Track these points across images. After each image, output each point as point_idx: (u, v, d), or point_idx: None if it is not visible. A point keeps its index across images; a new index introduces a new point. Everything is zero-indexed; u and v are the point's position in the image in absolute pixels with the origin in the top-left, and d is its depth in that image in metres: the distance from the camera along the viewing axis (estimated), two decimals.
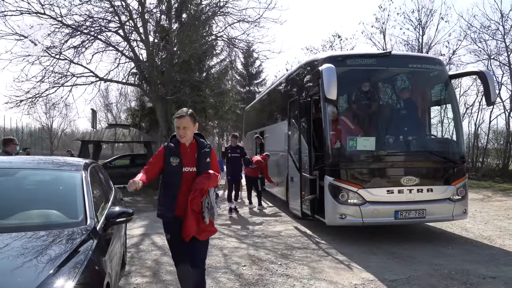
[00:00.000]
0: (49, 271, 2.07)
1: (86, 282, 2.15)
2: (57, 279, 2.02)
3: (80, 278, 2.09)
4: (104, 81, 14.13)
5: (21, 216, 2.82)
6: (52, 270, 2.09)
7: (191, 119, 3.22)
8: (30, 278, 1.99)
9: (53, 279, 2.01)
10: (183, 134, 3.19)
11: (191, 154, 3.25)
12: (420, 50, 19.17)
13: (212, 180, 3.20)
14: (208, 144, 3.39)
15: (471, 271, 4.83)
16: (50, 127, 56.95)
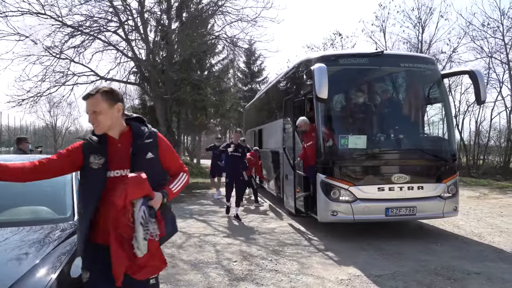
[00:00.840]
0: (33, 262, 2.18)
1: (69, 273, 2.27)
2: (40, 270, 2.13)
3: (62, 270, 2.21)
4: (105, 80, 14.29)
5: (11, 212, 2.96)
6: (37, 261, 2.20)
7: (104, 98, 2.16)
8: (14, 269, 2.11)
9: (36, 270, 2.12)
10: (95, 122, 2.17)
11: (122, 150, 2.21)
12: (420, 48, 19.18)
13: (131, 186, 2.03)
14: (152, 131, 2.32)
15: (457, 267, 4.92)
16: (54, 126, 57.38)
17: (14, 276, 2.01)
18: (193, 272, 4.78)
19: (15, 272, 2.07)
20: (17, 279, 2.00)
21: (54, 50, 12.44)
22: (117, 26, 12.98)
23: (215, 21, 16.07)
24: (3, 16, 11.73)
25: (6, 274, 2.07)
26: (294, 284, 4.40)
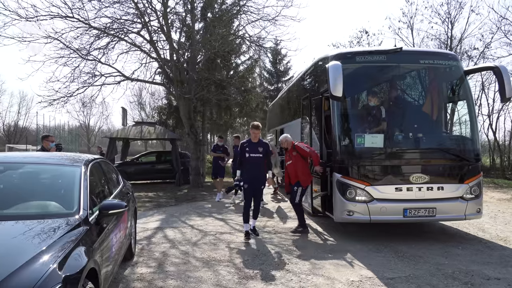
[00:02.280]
0: (38, 250, 2.35)
1: (69, 263, 2.35)
2: (42, 258, 2.29)
3: (62, 260, 2.32)
4: (131, 81, 14.64)
5: (21, 206, 3.09)
6: (41, 250, 2.36)
7: None
8: (21, 255, 2.26)
9: (39, 258, 2.28)
10: None
11: None
12: (450, 44, 18.53)
13: None
14: None
15: (476, 272, 4.72)
16: (88, 125, 59.49)
17: (19, 262, 2.18)
18: (204, 269, 4.82)
19: (26, 255, 2.26)
20: (21, 265, 2.18)
21: (82, 52, 12.87)
22: (141, 27, 13.26)
23: (239, 22, 16.15)
24: (35, 20, 12.24)
25: (12, 260, 2.21)
26: (303, 284, 4.35)
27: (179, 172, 15.37)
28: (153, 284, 4.28)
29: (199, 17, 17.21)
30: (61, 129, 51.80)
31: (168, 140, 17.79)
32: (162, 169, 16.53)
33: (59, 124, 52.68)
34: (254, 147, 6.37)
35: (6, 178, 3.43)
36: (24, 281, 2.08)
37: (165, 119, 19.68)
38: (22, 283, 2.07)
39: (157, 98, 40.27)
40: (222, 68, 19.86)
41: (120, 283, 4.28)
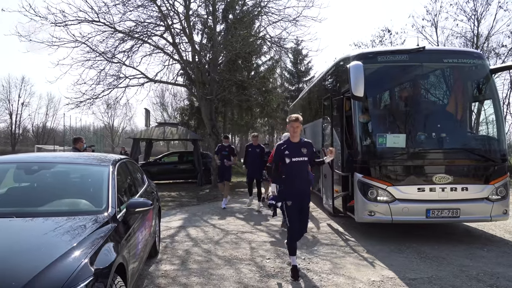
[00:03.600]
0: (71, 245, 2.50)
1: (99, 258, 2.48)
2: (75, 253, 2.42)
3: (93, 255, 2.45)
4: (154, 82, 14.94)
5: (54, 204, 3.25)
6: (73, 245, 2.50)
7: None
8: (55, 250, 2.41)
9: (71, 253, 2.42)
10: None
11: None
12: (476, 42, 18.07)
13: None
14: None
15: (502, 274, 4.64)
16: (112, 126, 60.88)
17: (53, 256, 2.32)
18: (226, 267, 4.92)
19: (60, 250, 2.41)
20: (55, 259, 2.31)
21: (107, 55, 13.23)
22: (164, 30, 13.53)
23: (260, 23, 16.25)
24: (63, 25, 12.67)
25: (48, 254, 2.35)
26: (324, 283, 4.39)
27: (201, 172, 15.58)
28: (177, 280, 4.40)
29: (220, 19, 17.42)
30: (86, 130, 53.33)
31: (190, 140, 18.05)
32: (184, 169, 16.79)
33: (84, 125, 54.20)
34: (295, 148, 4.67)
35: (40, 177, 3.61)
36: (59, 274, 2.21)
37: (187, 120, 19.99)
38: (57, 276, 2.19)
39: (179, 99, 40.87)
40: (243, 69, 20.02)
41: (146, 279, 4.42)
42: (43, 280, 2.14)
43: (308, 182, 4.80)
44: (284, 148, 4.68)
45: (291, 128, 4.65)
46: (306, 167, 4.74)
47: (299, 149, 4.67)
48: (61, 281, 2.15)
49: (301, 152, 4.65)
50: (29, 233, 2.70)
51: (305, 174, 4.72)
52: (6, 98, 54.89)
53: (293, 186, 4.64)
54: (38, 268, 2.19)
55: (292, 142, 4.72)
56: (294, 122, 4.64)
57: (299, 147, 4.68)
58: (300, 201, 4.66)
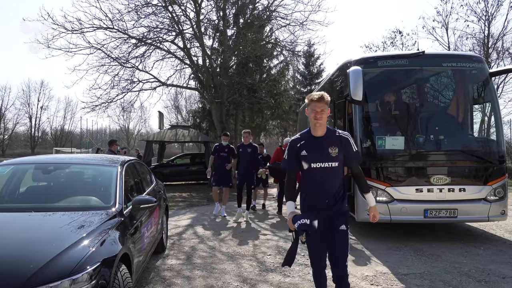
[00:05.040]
0: (81, 235, 2.84)
1: (105, 247, 2.81)
2: (84, 242, 2.76)
3: (100, 244, 2.79)
4: (166, 86, 15.40)
5: (68, 200, 3.61)
6: (83, 236, 2.84)
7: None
8: (66, 239, 2.75)
9: (82, 241, 2.77)
10: None
11: None
12: (487, 43, 17.99)
13: None
14: None
15: (493, 271, 4.81)
16: (127, 128, 61.99)
17: (65, 245, 2.66)
18: (228, 262, 5.21)
19: (70, 239, 2.75)
20: (67, 247, 2.65)
21: (121, 60, 13.74)
22: (175, 35, 13.96)
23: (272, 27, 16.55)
24: (79, 32, 13.23)
25: (60, 243, 2.70)
26: None
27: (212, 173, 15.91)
28: (181, 273, 4.72)
29: (231, 23, 17.80)
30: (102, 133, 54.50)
31: (201, 142, 18.43)
32: (195, 171, 17.17)
33: (100, 128, 55.40)
34: (318, 147, 2.99)
35: (55, 176, 3.98)
36: (70, 260, 2.53)
37: (199, 122, 20.41)
38: (68, 261, 2.52)
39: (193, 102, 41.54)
40: (255, 71, 20.34)
41: (152, 272, 4.75)
42: (56, 264, 2.46)
43: (340, 198, 3.04)
44: (301, 146, 3.00)
45: (312, 114, 2.90)
46: (338, 176, 3.01)
47: (325, 148, 2.95)
48: (72, 265, 2.48)
49: (327, 153, 2.94)
50: (45, 226, 3.04)
51: (335, 186, 3.00)
52: (26, 102, 56.68)
53: (314, 207, 3.02)
54: (52, 254, 2.52)
55: (313, 137, 2.99)
56: (317, 102, 2.89)
57: (325, 144, 2.96)
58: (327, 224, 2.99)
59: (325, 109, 2.92)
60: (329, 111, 2.97)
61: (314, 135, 3.00)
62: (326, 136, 2.99)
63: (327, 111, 2.93)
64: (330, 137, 3.00)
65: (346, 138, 3.03)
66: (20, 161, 4.37)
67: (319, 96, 2.92)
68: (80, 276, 2.46)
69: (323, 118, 2.93)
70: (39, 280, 2.33)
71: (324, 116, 2.93)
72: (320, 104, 2.91)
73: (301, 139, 3.04)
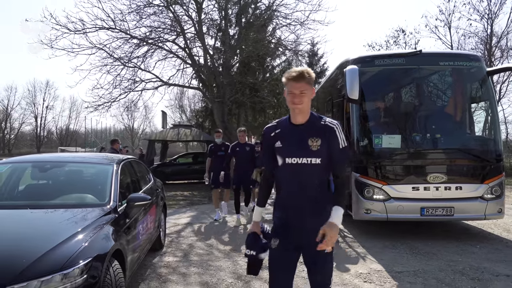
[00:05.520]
0: (74, 231, 2.92)
1: (98, 243, 2.90)
2: (77, 237, 2.85)
3: (93, 239, 2.87)
4: (168, 85, 15.49)
5: (64, 198, 3.69)
6: (76, 231, 2.92)
7: None
8: (60, 235, 2.83)
9: (75, 237, 2.85)
10: None
11: None
12: (490, 41, 17.92)
13: None
14: None
15: (488, 269, 4.83)
16: (132, 127, 62.29)
17: (59, 240, 2.75)
18: (224, 259, 5.27)
19: (64, 235, 2.83)
20: (59, 242, 2.73)
21: (124, 60, 13.84)
22: (176, 35, 14.05)
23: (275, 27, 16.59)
24: (82, 32, 13.35)
25: (54, 238, 2.78)
26: None
27: None
28: (177, 270, 4.79)
29: (234, 23, 17.85)
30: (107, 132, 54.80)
31: (203, 141, 18.52)
32: (197, 170, 17.22)
33: (105, 127, 55.72)
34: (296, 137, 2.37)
35: (52, 174, 4.06)
36: (62, 254, 2.61)
37: (202, 121, 20.48)
38: (61, 255, 2.59)
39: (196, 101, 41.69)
40: (258, 71, 20.37)
41: (148, 269, 4.83)
42: (49, 259, 2.54)
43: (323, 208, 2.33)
44: (276, 135, 2.41)
45: (290, 96, 2.28)
46: (320, 177, 2.36)
47: (305, 139, 2.32)
48: (63, 260, 2.55)
49: (307, 146, 2.31)
50: (40, 222, 3.13)
51: (316, 190, 2.36)
52: (31, 101, 57.14)
53: (286, 216, 2.42)
54: (44, 249, 2.60)
55: (292, 125, 2.38)
56: (295, 82, 2.24)
57: (305, 134, 2.33)
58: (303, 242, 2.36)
59: (307, 91, 2.25)
60: (313, 92, 2.31)
61: (293, 122, 2.37)
62: (307, 124, 2.35)
63: (310, 93, 2.28)
64: (313, 125, 2.34)
65: (331, 128, 2.33)
66: (18, 159, 4.46)
67: (298, 74, 2.24)
68: (72, 271, 2.53)
69: (304, 102, 2.27)
70: (31, 274, 2.40)
71: (306, 99, 2.28)
72: (299, 84, 2.24)
73: (277, 127, 2.44)
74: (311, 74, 2.29)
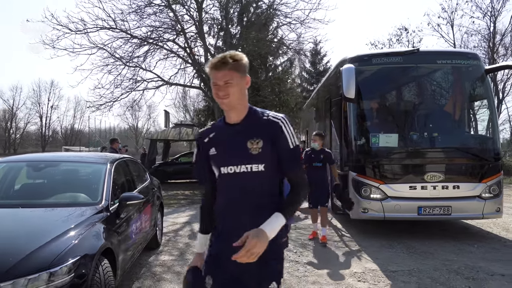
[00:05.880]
0: (64, 229, 2.94)
1: (87, 241, 2.94)
2: (67, 235, 2.88)
3: (82, 237, 2.90)
4: (170, 85, 15.52)
5: (58, 196, 3.72)
6: (65, 230, 2.95)
7: None
8: (51, 232, 2.86)
9: (64, 235, 2.88)
10: None
11: None
12: (493, 39, 17.79)
13: None
14: None
15: (483, 268, 4.81)
16: (136, 127, 62.49)
17: (49, 237, 2.79)
18: None
19: (53, 233, 2.86)
20: (49, 240, 2.77)
21: (125, 59, 13.88)
22: (176, 34, 14.08)
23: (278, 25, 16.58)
24: (84, 32, 13.41)
25: (43, 236, 2.81)
26: (308, 273, 4.69)
27: None
28: (172, 269, 4.81)
29: (235, 22, 17.86)
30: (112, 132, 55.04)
31: None
32: None
33: (109, 126, 55.98)
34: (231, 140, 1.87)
35: (45, 174, 4.10)
36: (51, 252, 2.63)
37: (204, 120, 20.50)
38: (49, 253, 2.62)
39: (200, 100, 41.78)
40: (261, 70, 20.36)
41: (144, 268, 4.85)
42: (37, 257, 2.57)
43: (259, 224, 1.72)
44: (210, 141, 1.94)
45: (214, 89, 1.81)
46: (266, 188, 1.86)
47: (242, 141, 1.84)
48: (51, 258, 2.58)
49: (245, 150, 1.83)
50: (31, 220, 3.16)
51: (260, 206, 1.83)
52: (36, 101, 57.44)
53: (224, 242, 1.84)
54: (33, 247, 2.62)
55: (227, 125, 1.92)
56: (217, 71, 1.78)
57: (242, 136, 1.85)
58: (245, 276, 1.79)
59: (234, 80, 1.74)
60: (247, 81, 1.80)
61: (228, 122, 1.89)
62: (245, 123, 1.84)
63: (239, 82, 1.77)
64: (252, 123, 1.83)
65: (276, 124, 1.81)
66: (12, 159, 4.51)
67: (219, 60, 1.75)
68: (59, 269, 2.55)
69: (231, 94, 1.75)
70: (18, 272, 2.43)
71: (233, 90, 1.75)
72: (221, 73, 1.74)
73: (212, 130, 1.95)
74: (237, 58, 1.77)
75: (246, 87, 1.83)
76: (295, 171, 1.88)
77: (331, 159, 6.20)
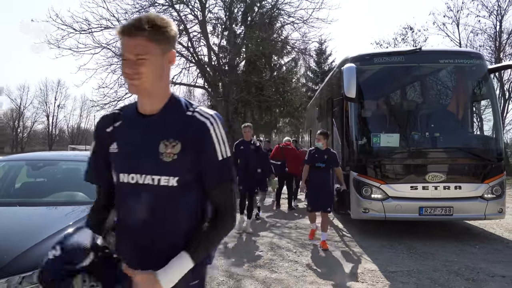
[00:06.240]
0: (63, 226, 2.94)
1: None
2: (68, 230, 2.83)
3: None
4: (174, 84, 15.56)
5: (56, 195, 3.75)
6: (65, 226, 2.95)
7: None
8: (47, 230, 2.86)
9: (63, 231, 2.84)
10: None
11: None
12: (499, 38, 17.63)
13: None
14: None
15: (484, 269, 4.77)
16: None
17: (48, 233, 2.80)
18: (220, 257, 5.29)
19: (50, 231, 2.85)
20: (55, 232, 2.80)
21: None
22: (179, 34, 14.09)
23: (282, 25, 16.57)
24: (88, 32, 13.50)
25: (40, 234, 2.80)
26: (306, 273, 4.68)
27: None
28: None
29: (239, 21, 17.88)
30: None
31: None
32: None
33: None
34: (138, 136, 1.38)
35: (44, 172, 4.14)
36: (46, 251, 2.64)
37: None
38: (44, 252, 2.62)
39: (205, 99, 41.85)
40: (264, 69, 20.36)
41: None
42: (32, 255, 2.57)
43: None
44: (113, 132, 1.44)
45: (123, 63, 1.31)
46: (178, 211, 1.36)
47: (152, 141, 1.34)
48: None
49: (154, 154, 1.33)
50: (28, 219, 3.18)
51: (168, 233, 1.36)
52: (43, 100, 57.91)
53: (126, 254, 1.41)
54: (28, 245, 2.63)
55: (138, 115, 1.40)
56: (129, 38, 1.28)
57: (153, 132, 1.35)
58: None
59: (150, 54, 1.28)
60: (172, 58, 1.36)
61: (140, 111, 1.40)
62: (162, 115, 1.37)
63: (158, 60, 1.30)
64: (170, 117, 1.37)
65: (202, 124, 1.34)
66: (12, 158, 4.55)
67: (133, 24, 1.28)
68: None
69: (144, 75, 1.28)
70: (12, 270, 2.45)
71: (147, 70, 1.28)
72: (132, 42, 1.28)
73: (117, 118, 1.46)
74: (158, 23, 1.28)
75: (169, 66, 1.35)
76: (221, 192, 1.37)
77: (336, 161, 5.98)
